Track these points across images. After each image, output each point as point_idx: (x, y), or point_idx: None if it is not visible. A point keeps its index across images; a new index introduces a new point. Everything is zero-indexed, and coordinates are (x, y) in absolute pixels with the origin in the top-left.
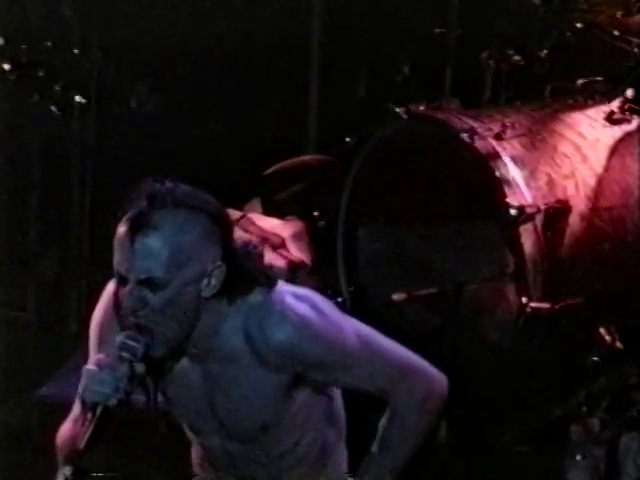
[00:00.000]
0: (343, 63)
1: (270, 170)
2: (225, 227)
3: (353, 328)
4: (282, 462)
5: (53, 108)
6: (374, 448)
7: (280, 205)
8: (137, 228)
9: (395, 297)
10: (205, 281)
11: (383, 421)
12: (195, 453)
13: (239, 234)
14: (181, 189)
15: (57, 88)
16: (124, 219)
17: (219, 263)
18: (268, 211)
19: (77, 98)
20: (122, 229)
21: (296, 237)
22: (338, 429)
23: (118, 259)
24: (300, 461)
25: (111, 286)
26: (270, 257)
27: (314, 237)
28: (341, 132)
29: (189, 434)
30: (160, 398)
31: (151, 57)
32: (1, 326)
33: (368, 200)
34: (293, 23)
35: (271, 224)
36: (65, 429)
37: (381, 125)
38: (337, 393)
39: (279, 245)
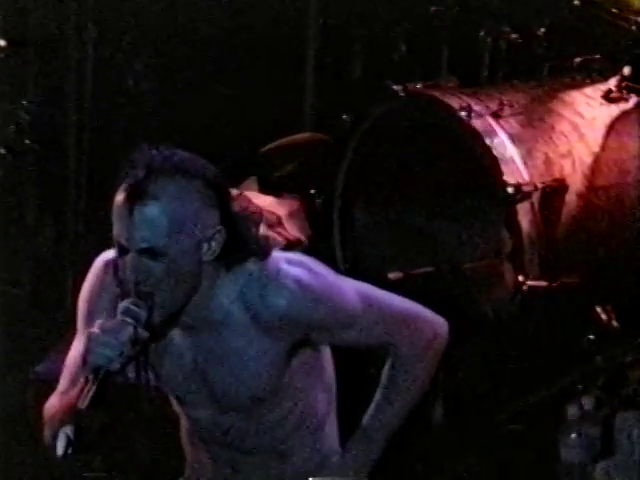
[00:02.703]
0: (339, 41)
1: (266, 148)
2: (223, 191)
3: (351, 286)
4: (275, 432)
5: None
6: (378, 396)
7: (276, 183)
8: (135, 197)
9: (391, 276)
10: (205, 246)
11: (386, 368)
12: (183, 429)
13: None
14: (177, 155)
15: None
16: (121, 188)
17: (219, 227)
18: (264, 189)
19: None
20: (120, 198)
21: (292, 215)
22: (330, 397)
23: (117, 229)
24: (293, 430)
25: (99, 262)
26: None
27: (311, 215)
28: (338, 111)
29: (177, 408)
30: (150, 372)
31: (148, 36)
32: None
33: (365, 178)
34: (289, 2)
35: (267, 202)
36: (52, 402)
37: (378, 103)
38: (328, 361)
39: (275, 223)
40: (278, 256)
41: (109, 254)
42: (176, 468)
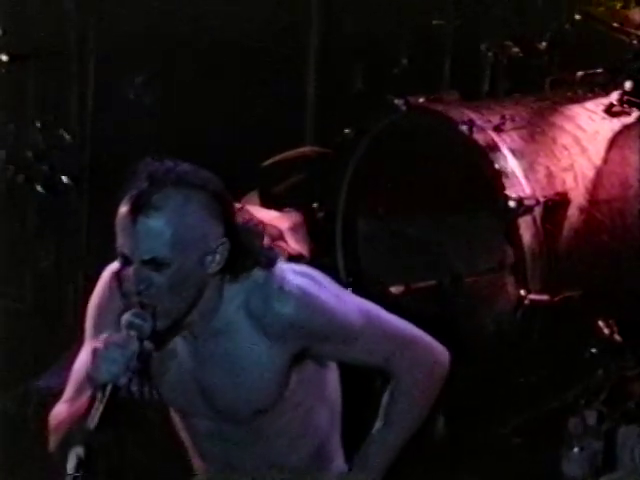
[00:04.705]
0: (341, 55)
1: (268, 162)
2: (226, 203)
3: (355, 301)
4: (275, 445)
5: None
6: (378, 423)
7: (278, 197)
8: (139, 209)
9: (393, 290)
10: (209, 258)
11: (386, 395)
12: (185, 440)
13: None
14: (180, 167)
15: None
16: (125, 199)
17: (223, 240)
18: (266, 203)
19: None
20: (123, 210)
21: (294, 229)
22: (334, 414)
23: (121, 240)
24: (293, 445)
25: (107, 273)
26: None
27: (313, 229)
28: (339, 124)
29: (177, 420)
30: (148, 385)
31: (149, 47)
32: None
33: (367, 192)
34: (291, 15)
35: (269, 216)
36: (59, 410)
37: (380, 117)
38: (334, 378)
39: (277, 237)
40: (284, 266)
41: (116, 265)
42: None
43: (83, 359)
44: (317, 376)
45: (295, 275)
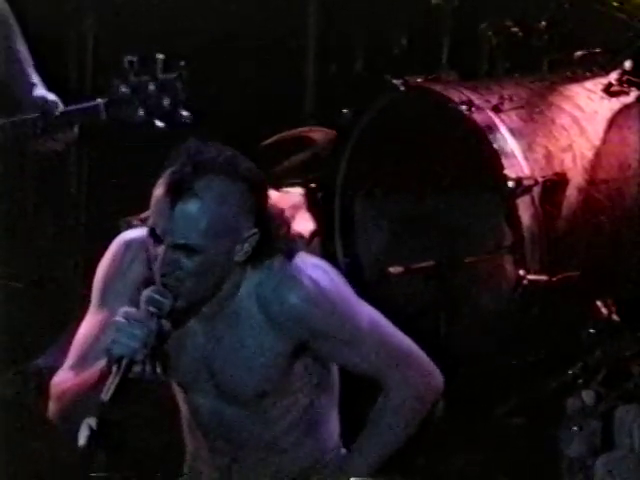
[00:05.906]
0: (340, 35)
1: (268, 141)
2: (261, 194)
3: (364, 308)
4: (275, 427)
5: None
6: (364, 431)
7: (278, 177)
8: (179, 193)
9: (392, 270)
10: (239, 247)
11: (376, 406)
12: (184, 418)
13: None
14: (224, 155)
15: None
16: (164, 179)
17: (254, 230)
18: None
19: None
20: (162, 190)
21: (294, 209)
22: (332, 397)
23: (155, 219)
24: (293, 426)
25: (120, 241)
26: None
27: (312, 208)
28: (339, 105)
29: (179, 396)
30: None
31: (147, 27)
32: None
33: (366, 172)
34: None
35: (270, 197)
36: (63, 378)
37: (379, 97)
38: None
39: (279, 217)
40: (302, 256)
41: (130, 234)
42: (177, 466)
43: (88, 324)
44: (320, 362)
45: (312, 268)
